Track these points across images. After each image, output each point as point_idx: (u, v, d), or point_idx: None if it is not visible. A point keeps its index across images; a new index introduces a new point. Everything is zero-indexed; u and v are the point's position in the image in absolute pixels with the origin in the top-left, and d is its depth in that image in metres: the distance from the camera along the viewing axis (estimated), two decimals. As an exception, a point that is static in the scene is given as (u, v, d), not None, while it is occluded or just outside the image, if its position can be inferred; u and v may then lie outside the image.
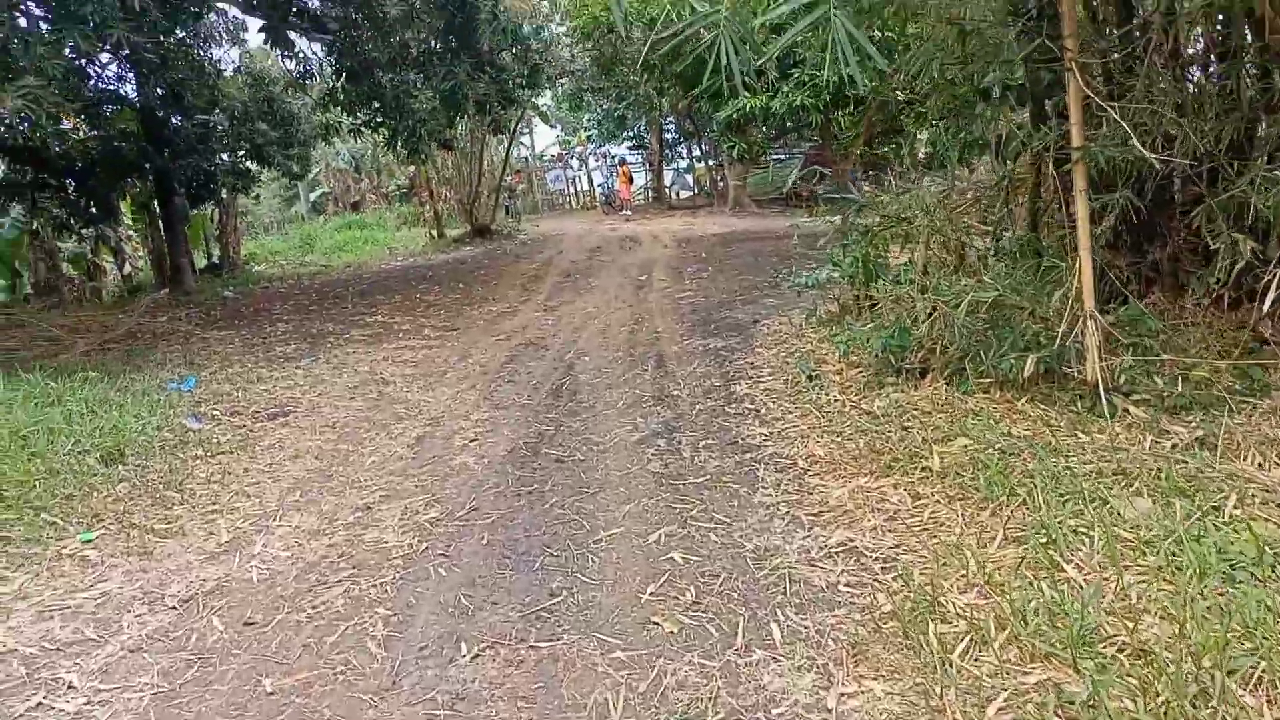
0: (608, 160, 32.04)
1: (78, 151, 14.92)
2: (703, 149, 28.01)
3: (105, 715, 3.10)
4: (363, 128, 15.47)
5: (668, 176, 30.36)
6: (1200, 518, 3.45)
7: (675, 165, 31.55)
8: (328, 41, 13.23)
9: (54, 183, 15.13)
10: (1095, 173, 5.35)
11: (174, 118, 15.72)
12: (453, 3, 12.10)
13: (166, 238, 16.72)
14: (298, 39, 14.28)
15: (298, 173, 21.51)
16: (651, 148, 29.13)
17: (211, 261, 20.56)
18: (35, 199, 15.35)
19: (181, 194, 16.04)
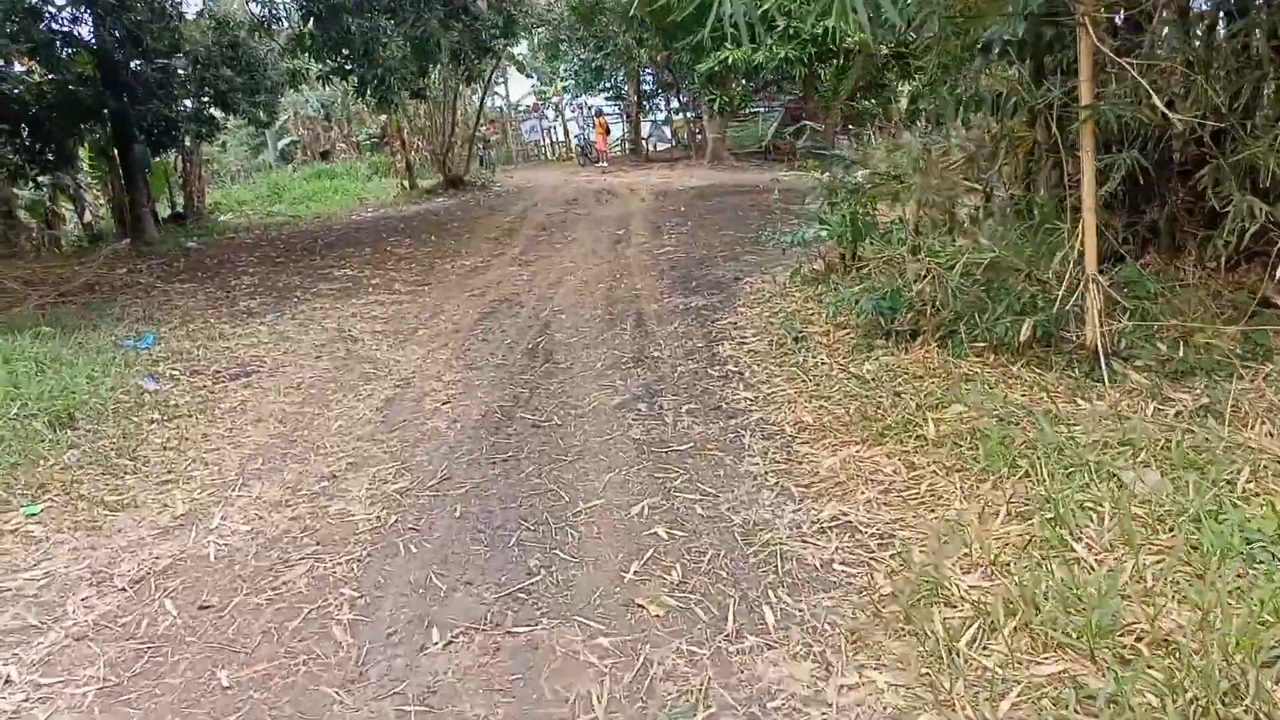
0: (584, 111, 31.38)
1: (31, 95, 14.28)
2: (681, 101, 27.46)
3: (45, 714, 2.85)
4: (331, 75, 14.88)
5: (645, 128, 29.80)
6: (1215, 493, 3.28)
7: (653, 117, 30.94)
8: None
9: (6, 127, 14.47)
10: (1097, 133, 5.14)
11: (133, 61, 15.07)
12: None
13: (126, 186, 16.09)
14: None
15: (265, 120, 20.77)
16: (629, 99, 28.53)
17: (175, 211, 19.90)
18: (-14, 144, 14.70)
19: (141, 140, 15.41)
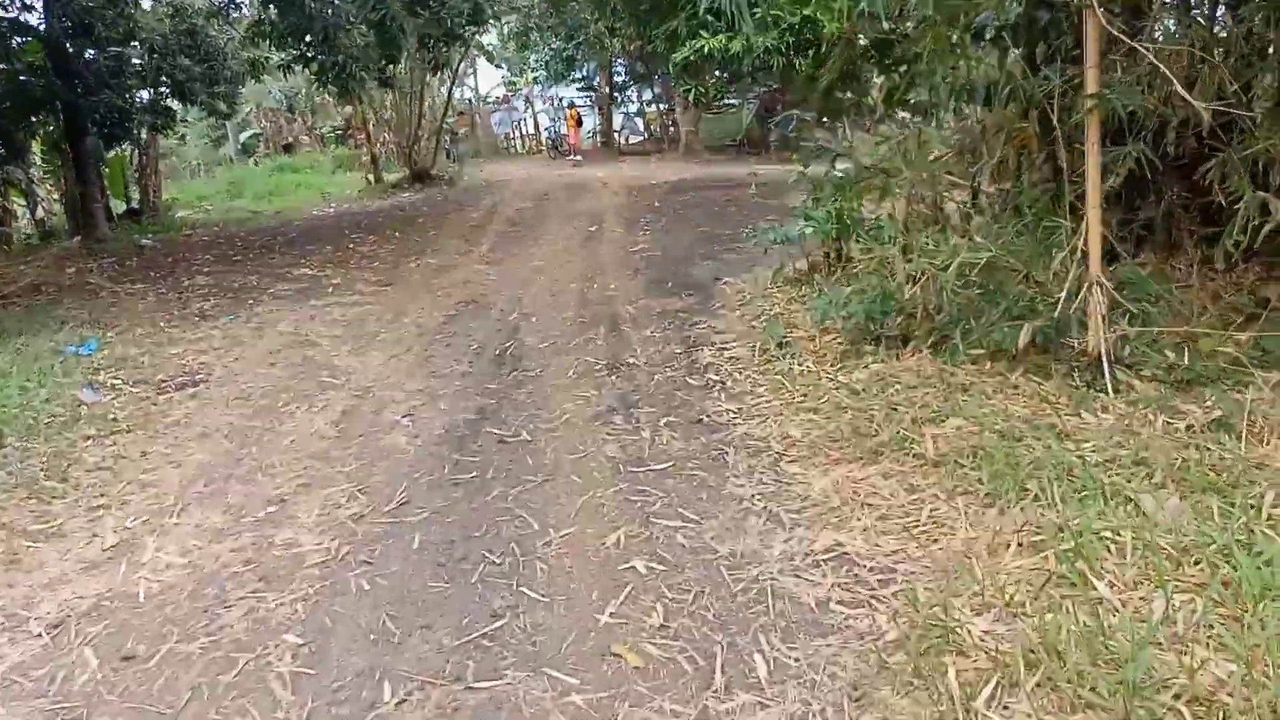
0: (555, 103, 30.93)
1: (-21, 86, 13.70)
2: (654, 93, 27.09)
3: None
4: (292, 64, 14.36)
5: (617, 121, 29.41)
6: (1242, 520, 3.00)
7: (625, 109, 30.56)
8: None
9: (-48, 120, 13.88)
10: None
11: (85, 50, 14.49)
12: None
13: (78, 180, 15.49)
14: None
15: (225, 112, 20.19)
16: (601, 91, 28.13)
17: (131, 206, 19.27)
18: (-68, 136, 14.08)
19: (94, 133, 14.80)
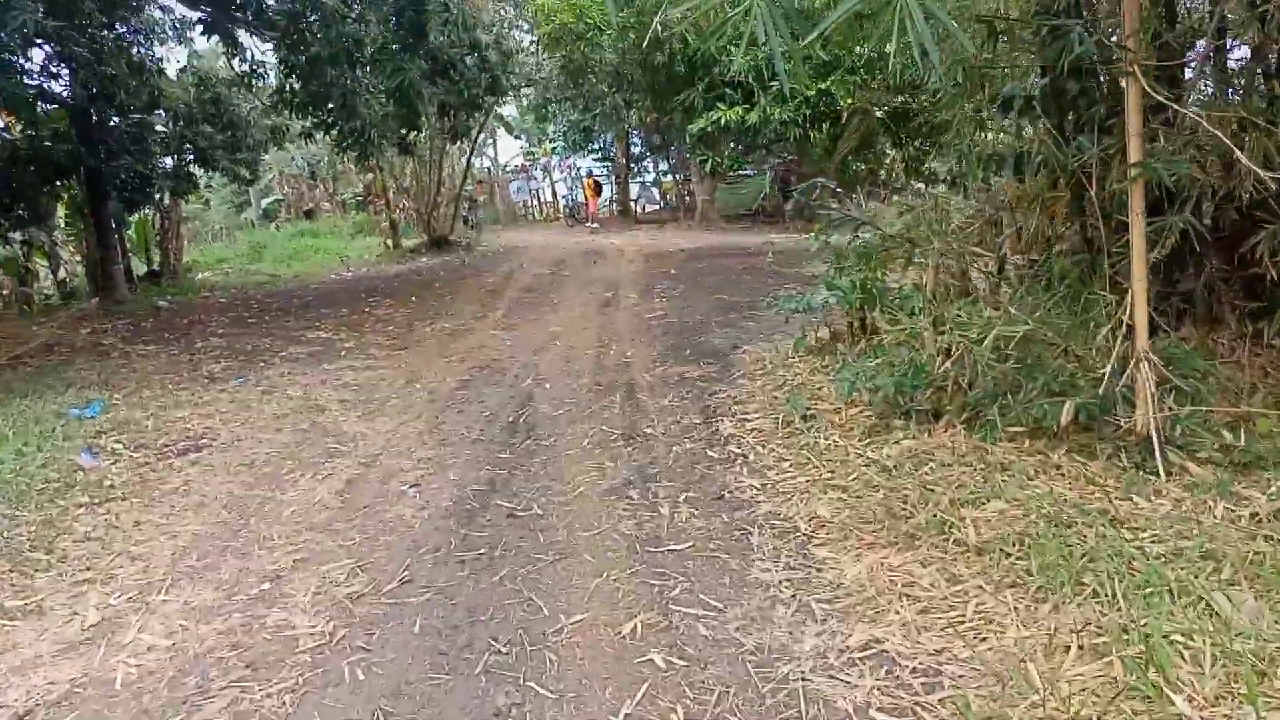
0: (572, 172, 31.23)
1: (5, 151, 13.84)
2: (670, 163, 27.31)
3: None
4: (313, 130, 14.48)
5: (633, 190, 29.62)
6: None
7: (641, 179, 30.82)
8: (274, 37, 12.27)
9: (-23, 184, 14.01)
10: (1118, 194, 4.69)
11: (109, 118, 14.70)
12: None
13: (99, 243, 15.58)
14: (244, 36, 13.35)
15: (248, 178, 20.43)
16: (618, 160, 28.38)
17: (151, 269, 19.38)
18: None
19: (115, 198, 14.93)
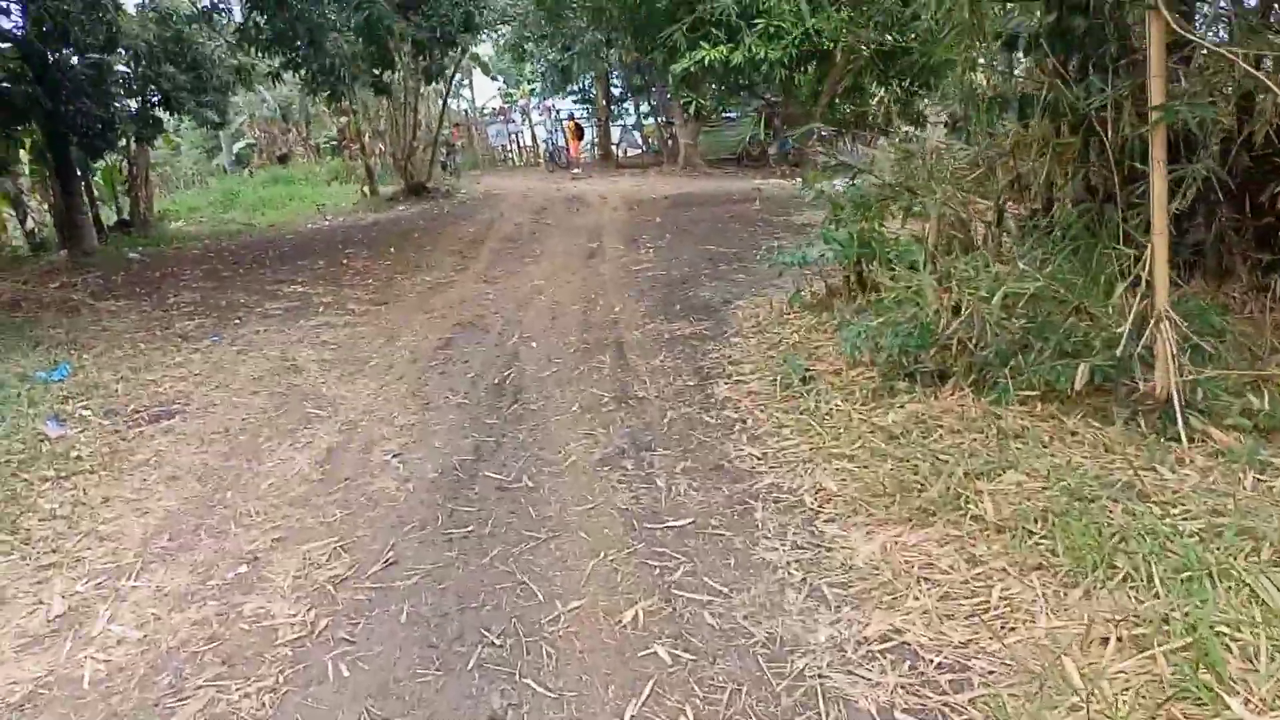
0: (552, 115, 30.51)
1: (-45, 94, 13.24)
2: (652, 105, 26.68)
3: None
4: (282, 69, 13.90)
5: (615, 134, 28.99)
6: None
7: (622, 122, 30.15)
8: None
9: (-72, 130, 13.43)
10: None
11: (66, 56, 14.05)
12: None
13: (63, 190, 15.03)
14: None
15: (216, 121, 19.78)
16: (598, 103, 27.72)
17: (121, 218, 18.81)
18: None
19: (74, 143, 14.33)
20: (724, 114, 24.93)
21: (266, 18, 12.36)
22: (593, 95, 28.10)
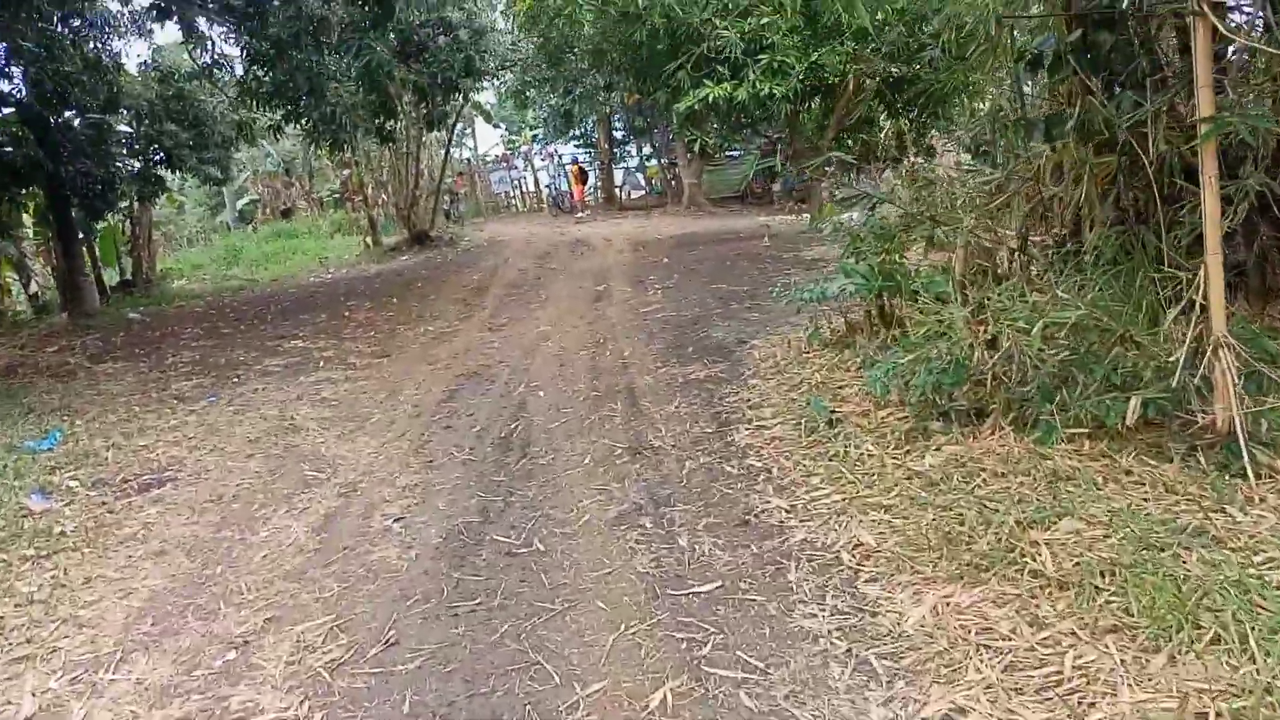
0: (554, 160, 30.54)
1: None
2: (654, 146, 26.65)
3: None
4: (282, 121, 13.81)
5: (617, 176, 28.96)
6: None
7: (625, 164, 30.15)
8: (233, 21, 11.62)
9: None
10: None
11: (69, 117, 14.04)
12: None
13: (63, 253, 14.94)
14: (202, 23, 12.71)
15: (219, 178, 19.75)
16: (600, 146, 27.71)
17: (124, 279, 18.71)
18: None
19: (75, 203, 14.25)
20: (727, 153, 24.86)
21: (266, 70, 12.31)
22: (595, 139, 28.09)
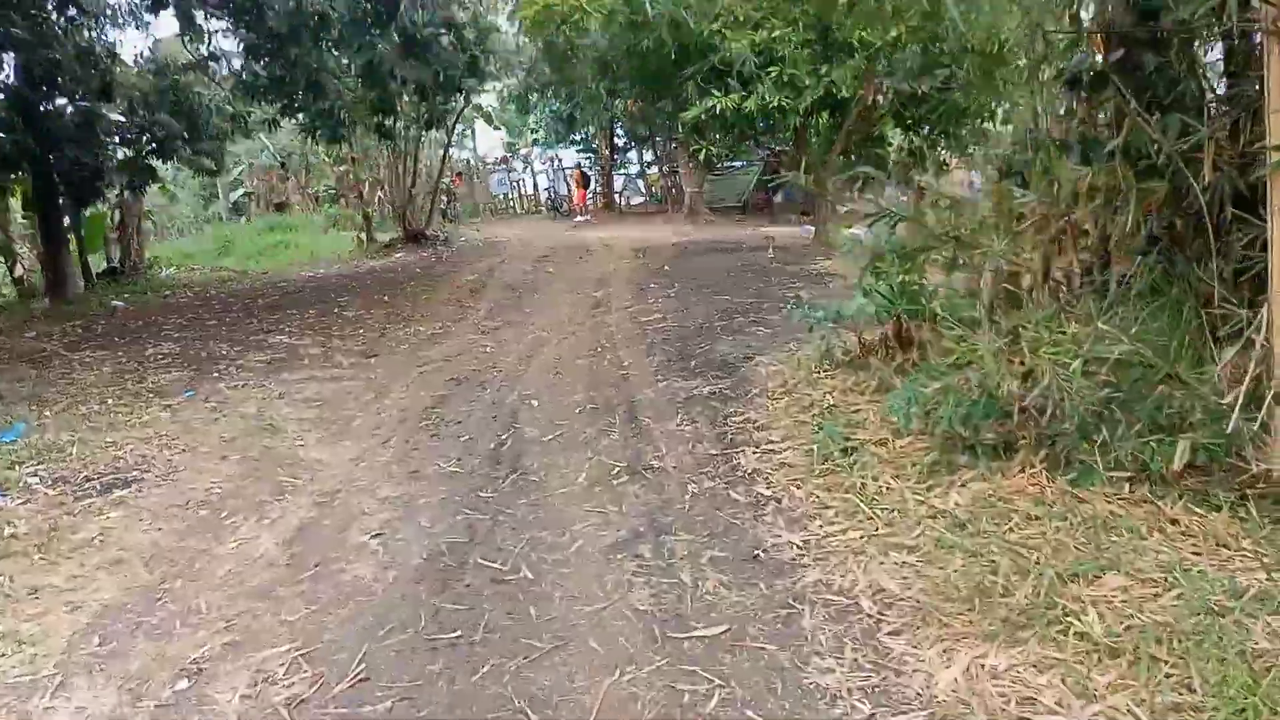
0: (554, 164, 30.28)
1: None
2: (656, 154, 26.41)
3: None
4: (279, 116, 13.49)
5: (617, 182, 28.71)
6: None
7: (625, 171, 29.91)
8: (229, 13, 11.31)
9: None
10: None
11: (57, 105, 13.70)
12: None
13: (47, 238, 14.56)
14: (199, 15, 12.39)
15: (211, 169, 19.37)
16: (601, 153, 27.45)
17: (110, 266, 18.31)
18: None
19: (62, 190, 13.90)
20: (728, 164, 24.64)
21: (264, 64, 12.01)
22: (596, 145, 27.84)
